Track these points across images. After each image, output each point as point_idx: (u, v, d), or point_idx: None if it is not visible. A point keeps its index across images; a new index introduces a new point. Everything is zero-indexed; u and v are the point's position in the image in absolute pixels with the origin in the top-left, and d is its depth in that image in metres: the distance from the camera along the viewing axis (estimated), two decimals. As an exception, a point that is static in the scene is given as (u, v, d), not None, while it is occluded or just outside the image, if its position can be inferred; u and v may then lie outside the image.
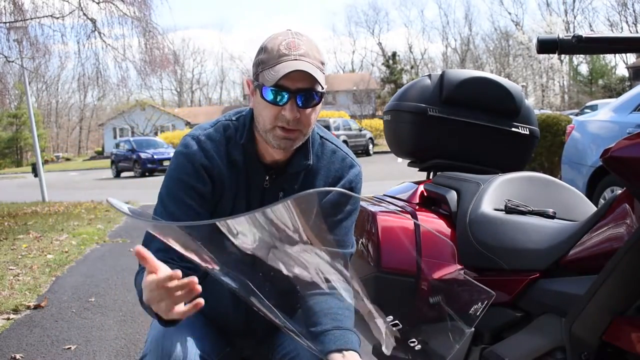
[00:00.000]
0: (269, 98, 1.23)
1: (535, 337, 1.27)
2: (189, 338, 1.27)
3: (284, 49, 1.24)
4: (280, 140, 1.26)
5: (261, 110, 1.27)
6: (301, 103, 1.24)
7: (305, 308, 1.29)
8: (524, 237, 1.39)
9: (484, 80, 1.96)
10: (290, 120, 1.23)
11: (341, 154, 1.40)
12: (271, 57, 1.24)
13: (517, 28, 49.66)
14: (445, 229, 1.68)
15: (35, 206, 10.51)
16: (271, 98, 1.23)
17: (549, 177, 1.69)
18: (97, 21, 11.17)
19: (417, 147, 2.02)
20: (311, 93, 1.24)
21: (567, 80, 49.01)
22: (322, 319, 1.25)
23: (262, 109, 1.26)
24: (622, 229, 1.09)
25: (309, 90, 1.24)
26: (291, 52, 1.23)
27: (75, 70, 12.94)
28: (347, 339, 1.23)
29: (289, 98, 1.23)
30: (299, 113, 1.24)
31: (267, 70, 1.24)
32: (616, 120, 4.89)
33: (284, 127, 1.24)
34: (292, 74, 1.20)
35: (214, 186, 1.31)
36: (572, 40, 1.09)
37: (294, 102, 1.23)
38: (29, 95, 12.00)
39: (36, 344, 3.20)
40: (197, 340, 1.29)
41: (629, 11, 44.32)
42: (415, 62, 53.46)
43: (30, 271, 4.92)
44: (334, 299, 1.27)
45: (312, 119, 1.28)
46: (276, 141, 1.27)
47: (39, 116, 39.15)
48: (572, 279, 1.23)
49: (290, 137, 1.26)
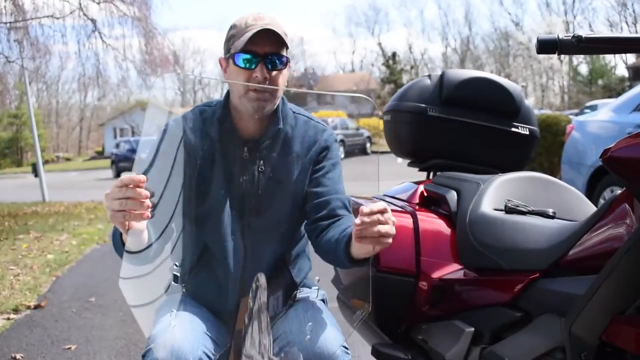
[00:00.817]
0: (241, 63, 1.37)
1: (535, 337, 1.27)
2: (192, 333, 1.31)
3: (251, 21, 1.39)
4: (254, 102, 1.38)
5: (234, 78, 1.40)
6: (269, 65, 1.38)
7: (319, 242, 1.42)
8: (523, 237, 1.40)
9: (484, 80, 1.96)
10: (261, 81, 1.37)
11: (313, 122, 1.52)
12: (240, 29, 1.39)
13: (517, 28, 49.74)
14: (445, 229, 1.68)
15: (36, 206, 10.52)
16: (242, 63, 1.37)
17: (549, 177, 1.69)
18: (97, 21, 11.17)
19: (417, 147, 2.02)
20: (278, 57, 1.39)
21: (567, 80, 49.02)
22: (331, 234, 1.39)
23: (236, 75, 1.39)
24: (622, 229, 1.09)
25: (275, 54, 1.38)
26: (257, 22, 1.38)
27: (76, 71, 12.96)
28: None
29: (258, 61, 1.37)
30: (268, 75, 1.38)
31: (237, 41, 1.38)
32: (616, 120, 4.89)
33: (255, 89, 1.38)
34: (259, 40, 1.35)
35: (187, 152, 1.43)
36: (572, 40, 1.09)
37: (263, 65, 1.37)
38: (29, 95, 12.01)
39: (36, 344, 3.20)
40: (200, 335, 1.33)
41: (629, 11, 44.32)
42: (415, 62, 53.40)
43: (30, 271, 4.93)
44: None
45: (280, 82, 1.41)
46: (250, 104, 1.39)
47: (39, 116, 39.10)
48: (572, 279, 1.23)
49: (262, 99, 1.39)
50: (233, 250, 1.43)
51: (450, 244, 1.64)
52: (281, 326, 1.40)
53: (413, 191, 1.89)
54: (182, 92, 58.61)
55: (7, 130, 44.13)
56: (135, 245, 1.26)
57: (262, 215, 1.43)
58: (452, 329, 1.52)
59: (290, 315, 1.42)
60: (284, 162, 1.45)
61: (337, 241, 1.33)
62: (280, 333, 1.38)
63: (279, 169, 1.44)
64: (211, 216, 1.43)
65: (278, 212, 1.44)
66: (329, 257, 1.40)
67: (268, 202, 1.43)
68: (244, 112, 1.42)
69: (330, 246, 1.36)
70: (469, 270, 1.55)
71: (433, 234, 1.66)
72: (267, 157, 1.44)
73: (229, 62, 1.41)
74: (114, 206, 1.16)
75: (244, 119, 1.44)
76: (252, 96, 1.38)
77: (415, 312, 1.64)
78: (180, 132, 1.43)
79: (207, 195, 1.42)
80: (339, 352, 1.30)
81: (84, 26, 11.43)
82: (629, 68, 37.83)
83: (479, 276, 1.51)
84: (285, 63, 1.41)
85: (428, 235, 1.65)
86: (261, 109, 1.39)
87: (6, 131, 44.16)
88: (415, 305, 1.63)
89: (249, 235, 1.44)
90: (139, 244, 1.26)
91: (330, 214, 1.43)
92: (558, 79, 48.37)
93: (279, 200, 1.44)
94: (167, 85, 55.37)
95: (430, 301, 1.60)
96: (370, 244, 1.18)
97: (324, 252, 1.41)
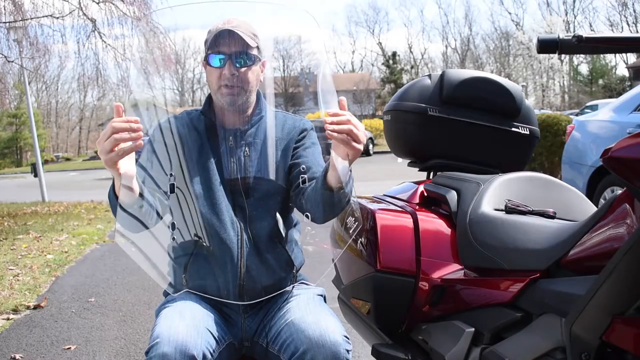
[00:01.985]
0: (212, 63, 1.53)
1: (536, 337, 1.27)
2: (195, 328, 1.35)
3: (221, 25, 1.54)
4: (225, 97, 1.53)
5: (209, 77, 1.56)
6: (236, 63, 1.52)
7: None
8: (524, 237, 1.39)
9: (484, 80, 1.95)
10: (228, 76, 1.51)
11: (290, 116, 1.68)
12: (212, 33, 1.53)
13: (517, 28, 49.74)
14: (445, 229, 1.68)
15: (35, 206, 10.51)
16: (213, 62, 1.52)
17: (549, 177, 1.68)
18: (97, 21, 11.16)
19: (417, 147, 2.02)
20: (245, 54, 1.52)
21: (567, 80, 49.03)
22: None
23: (209, 75, 1.56)
24: (622, 229, 1.09)
25: (242, 52, 1.52)
26: (225, 25, 1.52)
27: (75, 70, 12.92)
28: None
29: (226, 59, 1.52)
30: (237, 72, 1.52)
31: (209, 43, 1.54)
32: (616, 120, 4.89)
33: (226, 84, 1.52)
34: (228, 41, 1.50)
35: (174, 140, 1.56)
36: (573, 40, 1.09)
37: (231, 63, 1.51)
38: (28, 95, 12.00)
39: (36, 344, 3.20)
40: (203, 331, 1.37)
41: (629, 11, 44.33)
42: (415, 62, 53.45)
43: (30, 271, 4.92)
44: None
45: (250, 77, 1.55)
46: (223, 98, 1.54)
47: (38, 116, 39.15)
48: (572, 279, 1.23)
49: (232, 93, 1.53)
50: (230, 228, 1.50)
51: (451, 244, 1.64)
52: (283, 318, 1.44)
53: (413, 191, 1.89)
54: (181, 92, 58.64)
55: (6, 130, 44.13)
56: (128, 198, 1.34)
57: (252, 196, 1.54)
58: (452, 329, 1.52)
59: (292, 307, 1.45)
60: (266, 146, 1.58)
61: (316, 182, 1.44)
62: (282, 325, 1.42)
63: (262, 152, 1.57)
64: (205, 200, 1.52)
65: (266, 190, 1.54)
66: (311, 202, 1.46)
67: (256, 182, 1.55)
68: (221, 106, 1.56)
69: (311, 192, 1.46)
70: (469, 270, 1.55)
71: (433, 234, 1.66)
72: (251, 143, 1.58)
73: (205, 63, 1.56)
74: (106, 147, 1.23)
75: (225, 113, 1.58)
76: (224, 91, 1.53)
77: (415, 312, 1.64)
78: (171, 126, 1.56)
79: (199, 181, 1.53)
80: (341, 340, 1.33)
81: (83, 26, 11.42)
82: (629, 68, 37.81)
83: (479, 276, 1.50)
84: (253, 60, 1.54)
85: (428, 235, 1.65)
86: (234, 102, 1.54)
87: (5, 131, 44.15)
88: (415, 305, 1.63)
89: (242, 215, 1.53)
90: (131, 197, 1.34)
91: (311, 177, 1.53)
92: (558, 78, 48.36)
93: (265, 180, 1.55)
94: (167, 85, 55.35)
95: (431, 301, 1.60)
96: (341, 143, 1.27)
97: (307, 201, 1.48)
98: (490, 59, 51.43)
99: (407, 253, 1.63)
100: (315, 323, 1.35)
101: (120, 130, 1.22)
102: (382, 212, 1.72)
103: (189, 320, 1.36)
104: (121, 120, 1.24)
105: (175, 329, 1.31)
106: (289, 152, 1.60)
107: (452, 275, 1.58)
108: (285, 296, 1.53)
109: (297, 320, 1.39)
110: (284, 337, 1.39)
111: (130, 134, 1.23)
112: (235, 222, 1.51)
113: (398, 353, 1.64)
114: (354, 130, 1.27)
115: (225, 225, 1.50)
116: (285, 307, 1.48)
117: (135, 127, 1.23)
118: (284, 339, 1.39)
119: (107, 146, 1.23)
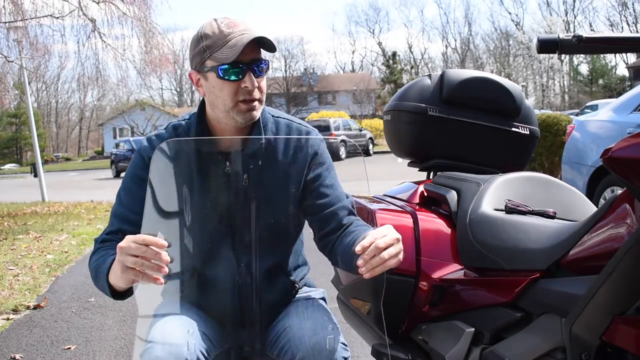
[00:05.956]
0: (229, 76, 1.30)
1: (536, 337, 1.27)
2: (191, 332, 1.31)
3: (226, 29, 1.31)
4: (245, 114, 1.33)
5: (219, 92, 1.32)
6: (257, 72, 1.33)
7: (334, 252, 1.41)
8: (524, 237, 1.39)
9: (484, 80, 1.95)
10: (251, 89, 1.31)
11: (295, 125, 1.46)
12: (217, 39, 1.30)
13: (517, 28, 49.72)
14: (445, 229, 1.68)
15: (35, 206, 10.51)
16: (231, 75, 1.30)
17: (549, 177, 1.68)
18: (97, 21, 11.16)
19: (417, 147, 2.02)
20: (262, 62, 1.34)
21: (567, 80, 49.04)
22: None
23: (220, 89, 1.32)
24: (622, 229, 1.09)
25: (260, 60, 1.33)
26: (234, 30, 1.30)
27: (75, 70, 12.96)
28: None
29: (246, 70, 1.31)
30: (257, 83, 1.33)
31: (217, 52, 1.30)
32: (616, 120, 4.89)
33: (245, 99, 1.32)
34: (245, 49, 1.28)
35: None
36: (573, 40, 1.09)
37: (251, 74, 1.31)
38: (28, 95, 12.00)
39: (36, 344, 3.20)
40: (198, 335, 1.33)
41: (629, 11, 44.31)
42: (415, 62, 53.43)
43: (30, 271, 4.92)
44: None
45: (265, 87, 1.37)
46: (241, 116, 1.33)
47: (38, 116, 39.16)
48: (573, 279, 1.23)
49: (253, 108, 1.34)
50: (226, 267, 1.40)
51: (451, 244, 1.64)
52: (281, 323, 1.40)
53: (413, 191, 1.89)
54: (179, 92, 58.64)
55: (6, 130, 44.12)
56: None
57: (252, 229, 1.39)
58: (452, 329, 1.52)
59: (291, 312, 1.42)
60: (269, 173, 1.39)
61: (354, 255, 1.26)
62: (280, 330, 1.39)
63: (264, 181, 1.39)
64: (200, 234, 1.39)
65: (268, 224, 1.40)
66: (348, 269, 1.38)
67: (257, 215, 1.38)
68: (230, 124, 1.36)
69: (347, 259, 1.34)
70: (469, 270, 1.55)
71: (433, 234, 1.66)
72: (251, 169, 1.38)
73: (208, 75, 1.33)
74: (128, 262, 1.11)
75: (224, 133, 1.38)
76: (243, 108, 1.33)
77: (415, 312, 1.64)
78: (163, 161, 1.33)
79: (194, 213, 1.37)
80: (338, 347, 1.31)
81: (83, 26, 11.42)
82: (629, 68, 37.76)
83: (479, 276, 1.50)
84: (267, 67, 1.37)
85: (428, 235, 1.65)
86: (253, 118, 1.35)
87: (5, 131, 44.15)
88: (415, 305, 1.63)
89: (241, 249, 1.40)
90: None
91: (338, 225, 1.41)
92: (558, 78, 48.38)
93: (268, 213, 1.39)
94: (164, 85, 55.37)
95: (431, 301, 1.60)
96: (380, 271, 1.17)
97: (341, 264, 1.40)
98: (490, 59, 51.44)
99: (407, 253, 1.62)
100: (312, 329, 1.32)
101: (148, 259, 1.10)
102: (382, 212, 1.72)
103: (185, 323, 1.32)
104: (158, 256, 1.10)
105: (170, 332, 1.28)
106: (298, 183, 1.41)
107: (452, 275, 1.58)
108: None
109: (295, 326, 1.35)
110: (282, 342, 1.36)
111: (157, 269, 1.10)
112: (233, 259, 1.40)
113: (398, 353, 1.64)
114: (386, 256, 1.16)
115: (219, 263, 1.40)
116: (285, 310, 1.44)
117: (165, 270, 1.11)
118: (282, 344, 1.36)
119: (129, 262, 1.11)
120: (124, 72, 12.75)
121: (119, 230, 1.37)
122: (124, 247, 1.11)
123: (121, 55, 11.68)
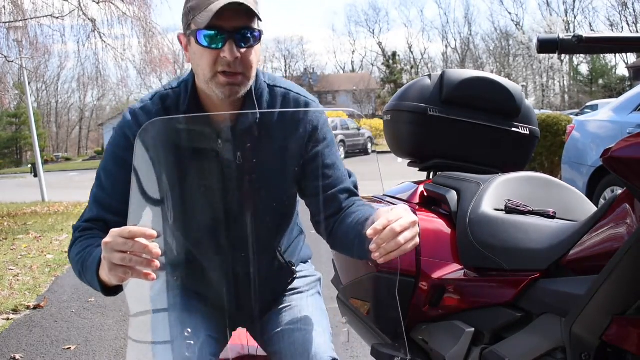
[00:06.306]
0: (205, 42, 1.16)
1: (536, 337, 1.27)
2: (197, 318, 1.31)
3: None
4: (224, 88, 1.19)
5: (198, 60, 1.19)
6: (239, 42, 1.17)
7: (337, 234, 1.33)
8: (524, 237, 1.39)
9: (484, 80, 1.95)
10: (231, 62, 1.16)
11: (293, 95, 1.32)
12: (201, 2, 1.16)
13: (517, 28, 49.75)
14: (445, 229, 1.68)
15: (35, 206, 10.51)
16: (207, 41, 1.16)
17: (549, 177, 1.68)
18: (96, 21, 11.16)
19: (417, 147, 2.02)
20: (250, 31, 1.18)
21: (567, 80, 49.06)
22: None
23: (200, 57, 1.19)
24: (622, 229, 1.09)
25: (245, 28, 1.17)
26: None
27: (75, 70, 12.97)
28: None
29: (226, 38, 1.16)
30: (239, 53, 1.17)
31: (198, 15, 1.16)
32: (616, 120, 4.89)
33: (225, 71, 1.18)
34: (226, 12, 1.13)
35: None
36: (573, 40, 1.09)
37: (232, 42, 1.16)
38: (28, 95, 12.00)
39: (36, 344, 3.20)
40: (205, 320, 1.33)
41: (629, 11, 44.33)
42: (415, 62, 53.47)
43: (30, 271, 4.92)
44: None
45: (253, 60, 1.21)
46: (220, 89, 1.19)
47: (38, 116, 39.17)
48: (573, 279, 1.23)
49: (234, 82, 1.19)
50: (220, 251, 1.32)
51: (451, 244, 1.64)
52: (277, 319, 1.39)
53: (413, 191, 1.88)
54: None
55: (6, 130, 44.13)
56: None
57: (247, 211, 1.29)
58: (452, 329, 1.52)
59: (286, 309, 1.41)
60: (265, 150, 1.28)
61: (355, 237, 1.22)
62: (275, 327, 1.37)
63: (259, 159, 1.27)
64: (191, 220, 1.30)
65: (263, 205, 1.31)
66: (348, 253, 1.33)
67: (251, 196, 1.28)
68: (214, 97, 1.23)
69: (348, 243, 1.27)
70: (469, 270, 1.55)
71: (433, 234, 1.66)
72: (245, 146, 1.26)
73: (190, 39, 1.20)
74: (115, 259, 1.00)
75: (215, 105, 1.25)
76: (222, 80, 1.18)
77: (415, 312, 1.64)
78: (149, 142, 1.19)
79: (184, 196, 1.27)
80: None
81: (83, 26, 11.43)
82: (629, 68, 37.76)
83: (479, 276, 1.50)
84: (258, 38, 1.20)
85: (428, 235, 1.65)
86: (234, 94, 1.20)
87: (5, 131, 44.16)
88: (415, 305, 1.63)
89: (235, 232, 1.31)
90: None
91: (340, 207, 1.32)
92: (558, 78, 48.40)
93: (263, 194, 1.29)
94: (166, 85, 55.39)
95: (430, 301, 1.60)
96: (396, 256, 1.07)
97: (341, 248, 1.34)
98: (490, 59, 51.47)
99: (407, 253, 1.63)
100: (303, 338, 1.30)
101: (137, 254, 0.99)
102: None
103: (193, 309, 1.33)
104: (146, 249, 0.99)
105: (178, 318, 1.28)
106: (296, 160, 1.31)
107: (452, 275, 1.58)
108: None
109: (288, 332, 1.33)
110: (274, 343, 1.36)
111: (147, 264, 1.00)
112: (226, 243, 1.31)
113: (398, 353, 1.64)
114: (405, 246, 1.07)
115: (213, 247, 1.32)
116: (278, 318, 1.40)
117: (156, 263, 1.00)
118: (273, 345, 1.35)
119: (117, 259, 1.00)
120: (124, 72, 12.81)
121: (100, 218, 1.25)
122: (110, 243, 1.00)
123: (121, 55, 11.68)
